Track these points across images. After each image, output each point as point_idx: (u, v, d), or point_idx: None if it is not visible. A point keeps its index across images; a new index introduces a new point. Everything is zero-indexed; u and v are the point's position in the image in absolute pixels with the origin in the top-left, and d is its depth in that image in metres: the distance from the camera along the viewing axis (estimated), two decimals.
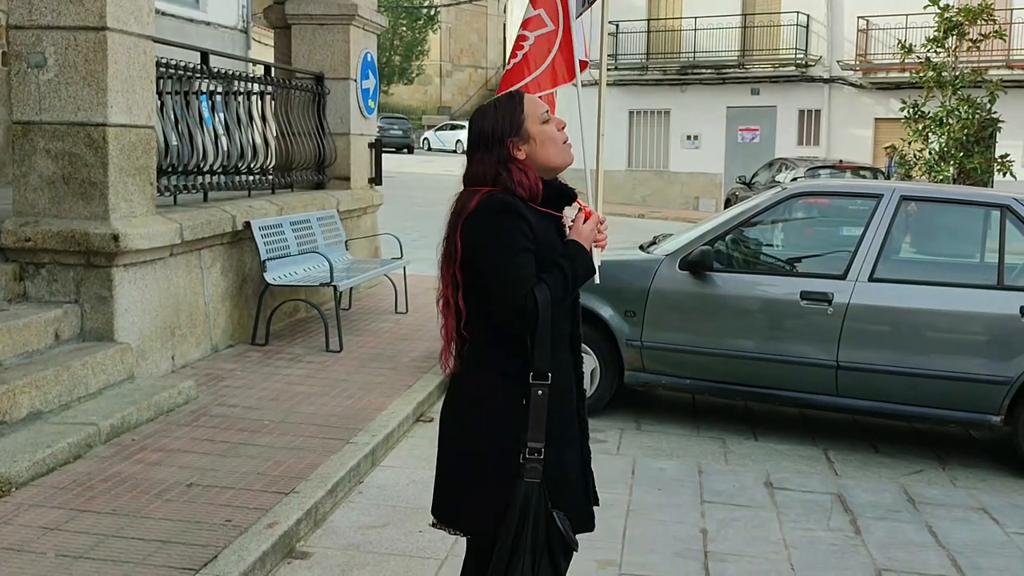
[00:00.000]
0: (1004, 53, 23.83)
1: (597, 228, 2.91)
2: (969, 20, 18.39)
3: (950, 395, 6.05)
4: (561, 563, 2.79)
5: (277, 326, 8.24)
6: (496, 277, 2.68)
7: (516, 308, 2.65)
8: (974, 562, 4.74)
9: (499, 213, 2.69)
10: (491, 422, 2.74)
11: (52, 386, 5.35)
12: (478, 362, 2.79)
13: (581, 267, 2.80)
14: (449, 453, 2.86)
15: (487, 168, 2.77)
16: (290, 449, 5.36)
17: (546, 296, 2.68)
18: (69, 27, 5.92)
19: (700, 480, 5.70)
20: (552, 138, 2.84)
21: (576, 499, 2.87)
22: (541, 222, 2.77)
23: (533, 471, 2.68)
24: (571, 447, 2.86)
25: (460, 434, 2.81)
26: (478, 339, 2.78)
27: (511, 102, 2.85)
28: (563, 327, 2.84)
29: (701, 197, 28.93)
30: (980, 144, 18.89)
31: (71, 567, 3.84)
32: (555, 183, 2.88)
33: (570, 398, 2.87)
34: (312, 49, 10.14)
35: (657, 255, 6.77)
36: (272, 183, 9.08)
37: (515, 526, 2.66)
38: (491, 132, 2.80)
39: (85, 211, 6.04)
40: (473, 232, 2.70)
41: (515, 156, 2.79)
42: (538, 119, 2.83)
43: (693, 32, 28.47)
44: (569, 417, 2.86)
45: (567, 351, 2.87)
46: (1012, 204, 6.28)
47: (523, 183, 2.75)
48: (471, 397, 2.80)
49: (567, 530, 2.73)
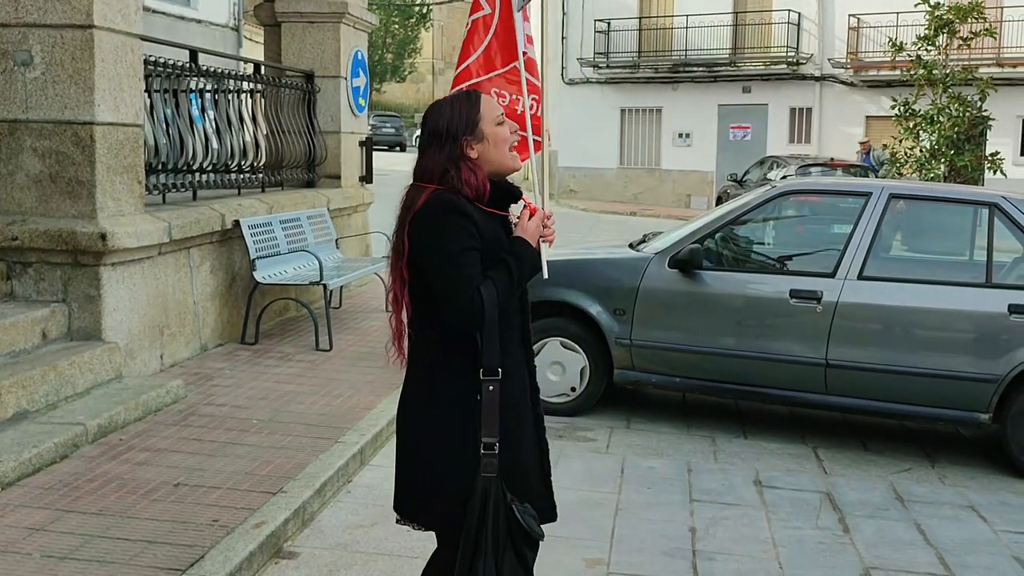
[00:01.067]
0: (995, 51, 23.86)
1: (543, 223, 2.96)
2: (960, 18, 18.45)
3: (939, 393, 6.05)
4: (527, 554, 2.82)
5: (267, 325, 8.23)
6: (442, 276, 2.72)
7: (463, 306, 2.69)
8: (962, 560, 4.74)
9: (445, 213, 2.73)
10: (445, 419, 2.79)
11: (39, 386, 5.33)
12: (429, 358, 2.84)
13: (527, 263, 2.85)
14: (406, 449, 2.92)
15: (437, 164, 2.80)
16: (278, 448, 5.35)
17: (492, 293, 2.72)
18: (56, 25, 5.90)
19: (689, 479, 5.70)
20: (504, 140, 2.87)
21: (536, 490, 2.92)
22: (487, 221, 2.80)
23: (489, 465, 2.73)
24: (528, 439, 2.92)
25: (415, 431, 2.87)
26: (428, 336, 2.83)
27: (468, 100, 2.87)
28: (513, 322, 2.89)
29: (693, 195, 28.95)
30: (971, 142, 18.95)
31: (56, 568, 3.83)
32: (502, 183, 2.91)
33: (524, 391, 2.93)
34: (302, 47, 10.12)
35: (647, 253, 6.76)
36: (262, 181, 9.05)
37: (475, 521, 2.71)
38: (446, 129, 2.82)
39: (72, 210, 6.01)
40: (420, 232, 2.74)
41: (467, 154, 2.81)
42: (493, 120, 2.85)
43: (685, 30, 28.47)
44: (524, 410, 2.92)
45: (518, 345, 2.92)
46: (1000, 202, 6.29)
47: (471, 182, 2.78)
48: (424, 394, 2.84)
49: (528, 521, 2.77)
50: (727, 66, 28.45)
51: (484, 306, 2.70)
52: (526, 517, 2.77)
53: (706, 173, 28.92)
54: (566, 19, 30.29)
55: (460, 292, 2.69)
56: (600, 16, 29.54)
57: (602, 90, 30.05)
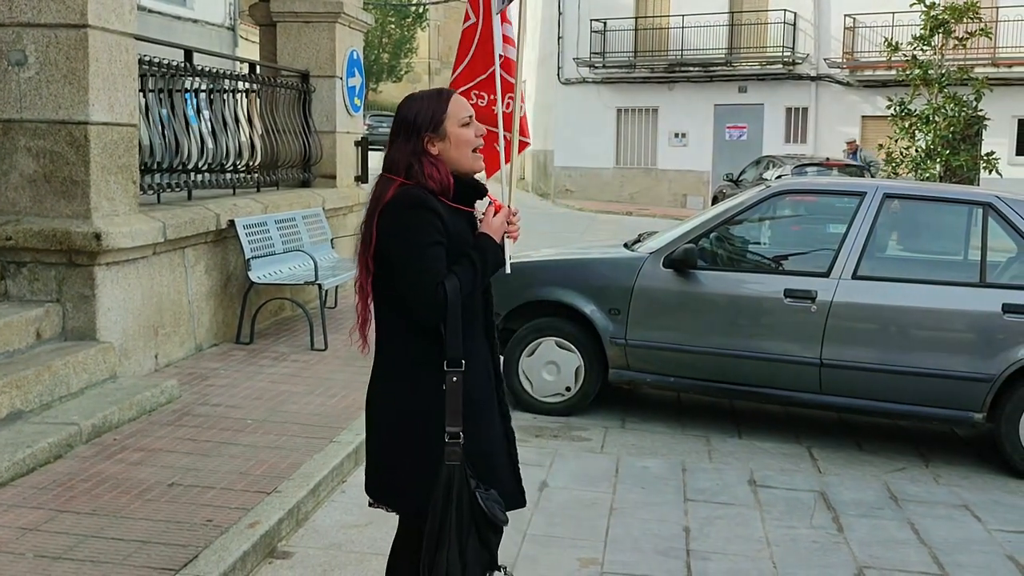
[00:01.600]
0: (990, 51, 23.91)
1: (508, 220, 3.02)
2: (955, 18, 18.48)
3: (933, 392, 6.06)
4: (491, 539, 2.90)
5: (262, 325, 8.22)
6: (408, 269, 2.80)
7: (427, 299, 2.78)
8: (955, 559, 4.75)
9: (411, 208, 2.81)
10: (410, 408, 2.88)
11: (33, 385, 5.32)
12: (394, 348, 2.92)
13: (491, 259, 2.92)
14: (375, 435, 2.99)
15: (402, 157, 2.88)
16: (273, 448, 5.35)
17: (455, 287, 2.80)
18: (50, 24, 5.89)
19: (684, 478, 5.71)
20: (466, 141, 2.93)
21: (503, 477, 3.00)
22: (453, 216, 2.88)
23: (453, 454, 2.81)
24: (494, 428, 3.01)
25: (382, 418, 2.95)
26: (394, 326, 2.91)
27: (437, 98, 2.94)
28: (477, 315, 2.98)
29: (689, 194, 28.96)
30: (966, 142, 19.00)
31: (50, 568, 3.82)
32: (468, 179, 2.98)
33: (487, 381, 3.01)
34: (298, 47, 10.12)
35: (642, 253, 6.77)
36: (257, 181, 9.05)
37: (440, 507, 2.80)
38: (411, 122, 2.90)
39: (67, 210, 6.01)
40: (387, 225, 2.83)
41: (428, 150, 2.88)
42: (458, 121, 2.92)
43: (681, 30, 28.47)
44: (488, 400, 3.00)
45: (482, 337, 3.01)
46: (994, 202, 6.30)
47: (433, 176, 2.85)
48: (390, 383, 2.93)
49: (491, 507, 2.84)
50: (723, 66, 28.46)
51: (448, 299, 2.78)
52: (489, 503, 2.84)
53: (702, 173, 28.93)
54: (562, 19, 30.29)
55: (425, 285, 2.77)
56: (596, 16, 29.55)
57: (598, 90, 30.04)
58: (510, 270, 3.11)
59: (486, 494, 2.85)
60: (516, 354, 6.78)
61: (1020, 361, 5.87)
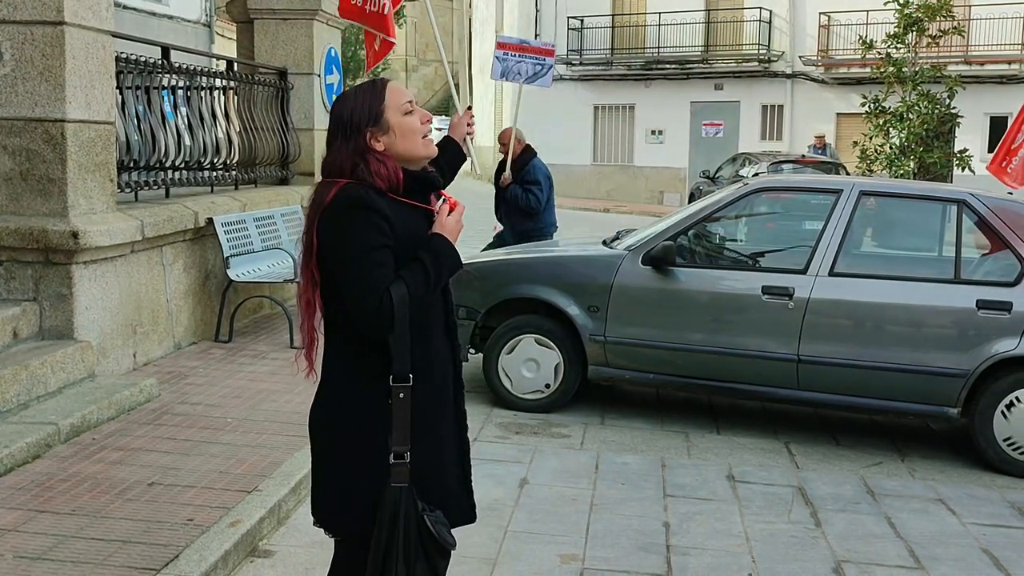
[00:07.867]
0: (963, 49, 24.17)
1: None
2: (929, 16, 18.63)
3: (909, 388, 6.12)
4: (439, 563, 2.71)
5: (241, 323, 8.20)
6: (350, 276, 2.58)
7: (370, 309, 2.55)
8: (931, 552, 4.81)
9: (351, 208, 2.58)
10: (355, 425, 2.66)
11: (10, 385, 5.29)
12: (340, 361, 2.71)
13: (446, 261, 2.68)
14: (318, 455, 2.78)
15: (344, 158, 2.65)
16: (253, 447, 5.34)
17: (403, 294, 2.57)
18: (26, 21, 5.84)
19: (663, 474, 5.74)
20: (413, 130, 2.72)
21: (454, 494, 2.81)
22: (403, 214, 2.65)
23: (399, 475, 2.60)
24: (447, 441, 2.80)
25: (326, 436, 2.74)
26: (340, 338, 2.70)
27: (372, 90, 2.72)
28: (436, 313, 2.77)
29: (666, 191, 29.06)
30: (939, 139, 19.15)
31: (30, 568, 3.80)
32: (418, 172, 2.75)
33: (446, 389, 2.81)
34: (275, 44, 10.08)
35: (620, 250, 6.79)
36: (235, 179, 9.01)
37: (385, 532, 2.59)
38: (349, 120, 2.68)
39: (44, 208, 5.97)
40: (327, 229, 2.60)
41: (372, 147, 2.67)
42: (400, 110, 2.70)
43: (657, 27, 28.58)
44: (445, 410, 2.80)
45: (443, 340, 2.80)
46: (968, 199, 6.37)
47: (381, 173, 2.63)
48: (335, 398, 2.72)
49: (439, 531, 2.66)
50: (699, 63, 28.59)
51: (394, 309, 2.55)
52: (438, 527, 2.65)
53: (679, 170, 29.05)
54: (539, 16, 30.32)
55: (367, 294, 2.54)
56: (573, 13, 29.59)
57: (575, 87, 30.08)
58: (490, 269, 3.04)
59: (433, 516, 2.66)
60: (496, 351, 6.79)
61: (994, 357, 5.94)
